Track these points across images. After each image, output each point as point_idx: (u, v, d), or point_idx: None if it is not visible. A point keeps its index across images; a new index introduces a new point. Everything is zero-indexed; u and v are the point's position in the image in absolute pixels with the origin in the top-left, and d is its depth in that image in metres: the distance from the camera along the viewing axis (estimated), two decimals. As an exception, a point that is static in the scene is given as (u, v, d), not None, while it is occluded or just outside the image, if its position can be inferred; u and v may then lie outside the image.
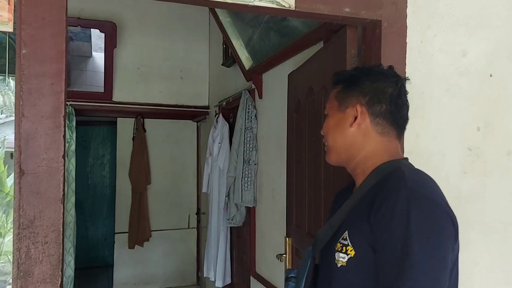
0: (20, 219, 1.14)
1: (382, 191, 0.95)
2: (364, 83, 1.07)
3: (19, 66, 1.17)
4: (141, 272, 5.01)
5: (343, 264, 0.97)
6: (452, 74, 1.60)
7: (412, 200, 0.89)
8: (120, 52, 4.48)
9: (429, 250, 0.86)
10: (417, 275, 0.84)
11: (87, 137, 6.03)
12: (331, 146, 1.12)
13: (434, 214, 0.90)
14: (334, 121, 1.11)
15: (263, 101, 3.09)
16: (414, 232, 0.86)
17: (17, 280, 1.14)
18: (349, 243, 0.97)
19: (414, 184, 0.93)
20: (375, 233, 0.92)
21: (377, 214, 0.92)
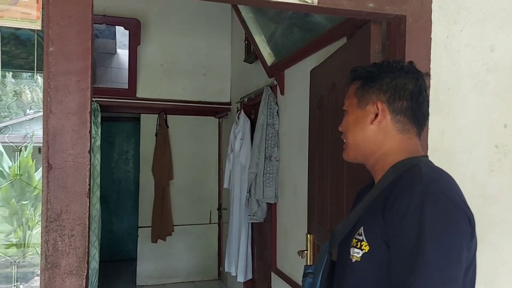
0: (48, 213, 1.17)
1: (398, 187, 0.95)
2: (384, 79, 1.05)
3: (47, 63, 1.20)
4: (164, 266, 5.09)
5: (357, 260, 0.98)
6: (479, 70, 1.56)
7: (427, 196, 0.88)
8: (144, 49, 4.54)
9: (443, 247, 0.85)
10: (430, 271, 0.83)
11: (112, 133, 6.15)
12: (350, 143, 1.11)
13: (449, 211, 0.88)
14: (353, 118, 1.10)
15: (285, 97, 3.08)
16: (428, 228, 0.85)
17: (45, 271, 1.17)
18: (364, 239, 0.97)
19: (430, 180, 0.92)
20: (389, 229, 0.91)
21: (391, 210, 0.91)
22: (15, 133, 2.85)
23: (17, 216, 4.78)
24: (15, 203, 4.83)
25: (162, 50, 4.64)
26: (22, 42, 2.16)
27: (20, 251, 3.95)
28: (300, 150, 2.71)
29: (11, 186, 5.04)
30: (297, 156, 2.81)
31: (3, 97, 4.35)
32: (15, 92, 2.60)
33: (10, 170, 5.08)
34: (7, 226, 4.78)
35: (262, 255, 3.69)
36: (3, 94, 4.06)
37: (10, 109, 4.63)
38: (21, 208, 4.85)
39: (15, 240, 4.54)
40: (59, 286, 1.17)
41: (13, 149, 1.83)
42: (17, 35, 2.65)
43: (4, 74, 3.52)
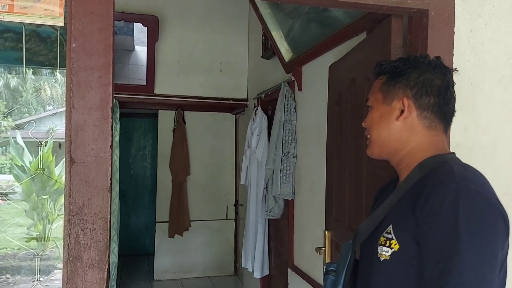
0: (70, 206, 1.19)
1: (428, 185, 0.92)
2: (410, 75, 1.03)
3: (69, 59, 1.21)
4: (181, 261, 5.13)
5: (386, 258, 0.96)
6: (504, 64, 1.53)
7: (462, 195, 0.86)
8: (162, 46, 4.57)
9: (479, 246, 0.83)
10: (466, 271, 0.82)
11: (130, 129, 6.21)
12: (374, 140, 1.09)
13: (484, 210, 0.86)
14: (378, 114, 1.08)
15: (302, 93, 3.07)
16: (464, 227, 0.83)
17: (67, 264, 1.19)
18: (393, 237, 0.96)
19: (463, 178, 0.90)
20: (421, 228, 0.89)
21: (424, 208, 0.89)
22: (35, 128, 2.90)
23: (37, 210, 4.87)
24: (36, 197, 4.92)
25: (179, 47, 4.66)
26: (43, 39, 2.20)
27: (41, 245, 4.02)
28: (317, 146, 2.70)
29: (32, 180, 5.13)
30: (314, 152, 2.79)
31: (24, 93, 4.41)
32: (35, 88, 2.64)
33: (31, 165, 5.16)
34: (28, 220, 4.87)
35: (278, 251, 3.69)
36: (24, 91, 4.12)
37: (30, 105, 4.69)
38: (41, 203, 4.94)
39: (36, 234, 4.63)
40: (80, 278, 1.19)
41: (36, 144, 1.86)
42: (38, 32, 2.70)
43: (25, 71, 3.56)
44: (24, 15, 1.21)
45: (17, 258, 4.30)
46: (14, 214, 5.09)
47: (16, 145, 4.80)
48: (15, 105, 6.64)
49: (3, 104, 8.04)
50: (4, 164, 7.96)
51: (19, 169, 4.91)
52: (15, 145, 4.81)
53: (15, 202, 5.02)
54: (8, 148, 6.18)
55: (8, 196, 4.63)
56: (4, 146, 7.81)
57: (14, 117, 6.41)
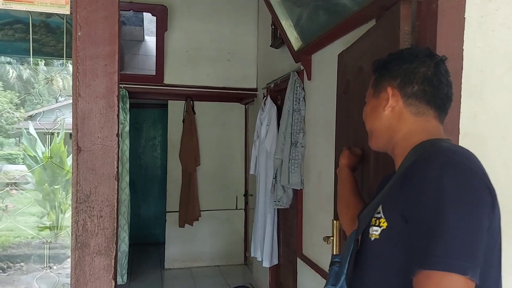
0: (78, 194, 1.20)
1: (415, 161, 0.95)
2: (394, 66, 1.09)
3: (75, 48, 1.22)
4: (191, 250, 5.18)
5: (376, 237, 0.98)
6: (507, 54, 1.50)
7: (446, 167, 0.87)
8: (170, 35, 4.57)
9: (463, 216, 0.83)
10: (450, 240, 0.82)
11: (140, 119, 6.25)
12: (370, 131, 1.16)
13: (468, 181, 0.86)
14: (370, 107, 1.15)
15: (311, 82, 3.05)
16: (447, 197, 0.84)
17: (75, 251, 1.21)
18: (382, 216, 0.97)
19: (449, 152, 0.92)
20: (408, 203, 0.90)
21: (410, 183, 0.91)
22: (47, 119, 2.93)
23: (49, 199, 4.94)
24: (48, 187, 4.99)
25: (188, 36, 4.65)
26: (52, 30, 2.21)
27: (53, 233, 4.08)
28: (326, 136, 2.69)
29: (44, 170, 5.19)
30: (322, 142, 2.78)
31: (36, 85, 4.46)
32: (46, 79, 2.65)
33: (43, 155, 5.23)
34: (40, 209, 4.95)
35: (287, 241, 3.70)
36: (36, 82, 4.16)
37: (42, 96, 4.74)
38: (53, 192, 5.01)
39: (49, 223, 4.70)
40: (88, 265, 1.20)
41: (44, 133, 1.88)
42: (48, 23, 2.71)
43: (36, 62, 3.60)
44: (30, 3, 1.22)
45: (30, 246, 4.37)
46: (27, 204, 5.16)
47: (29, 136, 4.86)
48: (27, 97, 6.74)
49: (16, 95, 8.13)
50: (18, 154, 8.06)
51: (31, 159, 4.98)
52: (27, 136, 4.88)
53: (27, 192, 5.10)
54: (21, 139, 6.26)
55: (20, 186, 4.69)
56: (18, 137, 7.92)
57: (26, 108, 6.49)
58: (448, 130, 1.40)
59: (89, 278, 1.21)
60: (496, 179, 1.51)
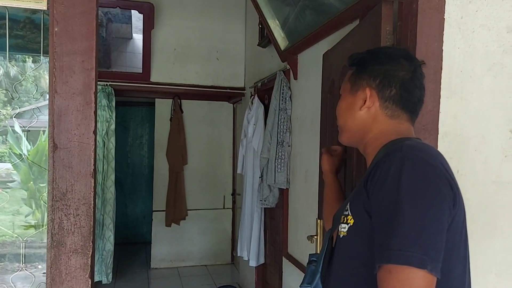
0: (54, 192, 1.19)
1: (378, 158, 0.97)
2: (374, 66, 1.07)
3: (52, 43, 1.20)
4: (178, 250, 5.16)
5: (344, 234, 0.99)
6: (495, 52, 1.51)
7: (406, 162, 0.88)
8: (158, 33, 4.54)
9: (420, 209, 0.83)
10: (406, 231, 0.82)
11: (127, 118, 6.20)
12: (342, 127, 1.15)
13: (427, 174, 0.87)
14: (345, 103, 1.13)
15: (298, 82, 3.05)
16: (405, 191, 0.85)
17: (51, 249, 1.19)
18: (349, 213, 0.99)
19: (410, 148, 0.92)
20: (371, 199, 0.91)
21: (373, 179, 0.92)
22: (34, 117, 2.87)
23: (35, 198, 4.89)
24: (33, 185, 4.94)
25: (176, 34, 4.63)
26: (37, 26, 2.18)
27: (39, 233, 4.03)
28: (312, 135, 2.69)
29: (29, 169, 5.14)
30: (309, 141, 2.78)
31: (23, 82, 4.40)
32: (34, 77, 2.62)
33: (28, 153, 5.17)
34: (25, 208, 4.89)
35: (274, 240, 3.70)
36: (23, 79, 4.10)
37: (29, 94, 4.69)
38: (39, 191, 4.96)
39: (34, 222, 4.64)
40: (64, 264, 1.19)
41: (22, 130, 1.86)
42: (32, 19, 2.67)
43: (24, 59, 3.54)
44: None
45: (15, 245, 4.32)
46: (13, 203, 5.09)
47: (15, 134, 4.80)
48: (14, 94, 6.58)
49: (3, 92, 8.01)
50: (4, 152, 7.97)
51: (17, 158, 4.91)
52: (13, 134, 4.81)
53: (13, 190, 5.04)
54: (7, 137, 6.18)
55: (5, 184, 4.63)
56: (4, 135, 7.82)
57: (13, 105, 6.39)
58: (428, 130, 1.41)
59: (65, 277, 1.20)
60: (476, 179, 1.53)
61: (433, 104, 1.40)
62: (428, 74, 1.07)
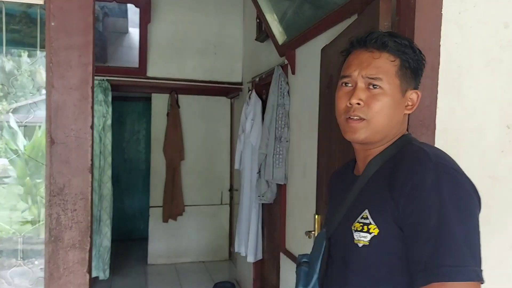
0: (51, 187, 1.18)
1: (404, 165, 0.92)
2: (420, 65, 1.03)
3: (49, 38, 1.19)
4: (175, 246, 5.16)
5: (365, 243, 0.94)
6: (492, 47, 1.51)
7: (440, 172, 0.86)
8: (154, 27, 4.52)
9: (465, 221, 0.84)
10: (459, 246, 0.81)
11: (124, 113, 6.17)
12: (373, 126, 0.99)
13: (462, 184, 0.88)
14: (391, 102, 0.99)
15: (296, 77, 3.05)
16: (448, 203, 0.83)
17: (48, 244, 1.19)
18: (372, 222, 0.94)
19: (437, 157, 0.90)
20: (404, 209, 0.88)
21: (403, 189, 0.88)
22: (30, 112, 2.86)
23: (31, 194, 4.87)
24: (30, 181, 4.92)
25: (172, 28, 4.61)
26: (33, 21, 2.17)
27: (35, 229, 4.03)
28: (310, 130, 2.69)
29: (25, 164, 5.10)
30: (307, 136, 2.78)
31: (19, 77, 4.36)
32: (30, 72, 2.61)
33: (25, 148, 5.14)
34: (22, 203, 4.87)
35: (271, 235, 3.71)
36: (19, 74, 4.06)
37: (25, 89, 4.64)
38: (35, 186, 4.94)
39: (30, 218, 4.63)
40: (62, 259, 1.19)
41: (19, 125, 1.86)
42: (28, 14, 2.64)
43: (20, 54, 3.52)
44: (2, -8, 1.19)
45: (12, 241, 4.31)
46: (9, 198, 5.08)
47: (11, 129, 4.77)
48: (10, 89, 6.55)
49: (-2, 87, 7.97)
50: (0, 148, 7.93)
51: (13, 153, 4.89)
52: (9, 129, 4.79)
53: (9, 186, 5.02)
54: (2, 132, 6.13)
55: (1, 180, 4.62)
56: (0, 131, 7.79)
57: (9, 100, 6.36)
58: (425, 125, 1.41)
59: (63, 272, 1.20)
60: (472, 174, 1.53)
61: (430, 99, 1.40)
62: (426, 70, 1.07)
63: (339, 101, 1.04)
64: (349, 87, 1.02)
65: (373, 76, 0.99)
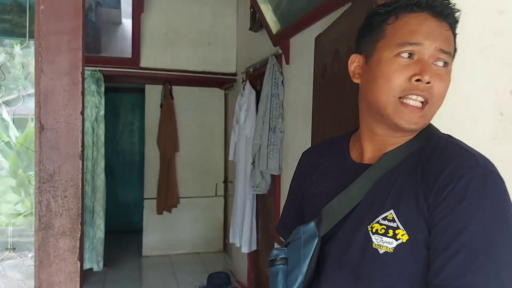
0: (41, 173, 1.16)
1: (441, 164, 0.80)
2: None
3: (38, 22, 1.17)
4: (169, 238, 5.16)
5: (388, 251, 0.80)
6: (486, 34, 1.50)
7: (490, 181, 0.76)
8: (148, 17, 4.47)
9: (509, 239, 0.73)
10: (499, 270, 0.71)
11: (117, 104, 6.13)
12: (431, 109, 0.88)
13: (506, 194, 0.78)
14: (449, 84, 0.89)
15: (290, 67, 3.03)
16: (496, 214, 0.74)
17: (38, 231, 1.17)
18: (400, 226, 0.79)
19: (485, 161, 0.80)
20: (437, 214, 0.76)
21: (441, 192, 0.76)
22: (23, 105, 2.83)
23: (24, 186, 4.82)
24: (22, 173, 4.86)
25: (166, 18, 4.57)
26: (24, 10, 2.13)
27: (28, 221, 4.00)
28: (304, 121, 2.68)
29: (18, 156, 5.05)
30: (301, 127, 2.77)
31: (12, 69, 4.30)
32: (22, 64, 2.57)
33: (17, 140, 5.10)
34: (15, 196, 4.83)
35: (266, 226, 3.71)
36: (12, 66, 4.00)
37: (18, 81, 4.60)
38: (28, 179, 4.91)
39: (23, 210, 4.60)
40: (52, 246, 1.17)
41: (21, 121, 1.84)
42: (19, 3, 2.60)
43: (12, 45, 3.46)
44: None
45: (5, 234, 4.30)
46: (2, 191, 5.05)
47: (3, 122, 4.73)
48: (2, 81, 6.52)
49: (-10, 80, 7.89)
50: (-8, 140, 7.86)
51: (5, 145, 4.85)
52: (1, 121, 4.74)
53: (1, 178, 4.97)
54: (-5, 125, 6.08)
55: (-9, 173, 4.57)
56: (-8, 123, 7.73)
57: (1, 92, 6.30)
58: (420, 112, 1.40)
59: (54, 259, 1.18)
60: (466, 161, 1.53)
61: (425, 85, 1.39)
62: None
63: (395, 76, 0.84)
64: (409, 59, 0.84)
65: (448, 50, 0.85)
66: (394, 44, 0.84)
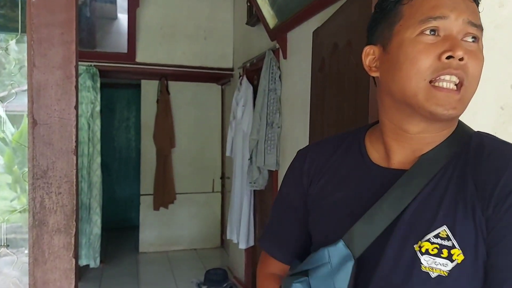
0: (34, 170, 1.14)
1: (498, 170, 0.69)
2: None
3: (29, 15, 1.14)
4: (166, 234, 5.14)
5: (442, 274, 0.68)
6: (486, 27, 1.45)
7: None
8: (143, 12, 4.43)
9: None
10: None
11: (113, 100, 6.08)
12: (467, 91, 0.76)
13: None
14: (482, 52, 0.75)
15: (287, 61, 3.00)
16: None
17: (33, 228, 1.15)
18: (455, 244, 0.68)
19: None
20: (504, 229, 0.66)
21: (504, 203, 0.66)
22: (18, 101, 2.79)
23: (20, 183, 4.79)
24: (18, 170, 4.83)
25: (162, 13, 4.52)
26: (17, 4, 2.10)
27: (24, 217, 3.97)
28: (302, 116, 2.66)
29: (13, 153, 5.01)
30: (299, 122, 2.75)
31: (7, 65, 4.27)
32: (18, 60, 2.54)
33: (12, 137, 5.06)
34: (10, 192, 4.79)
35: (263, 222, 3.70)
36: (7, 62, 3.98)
37: (13, 77, 4.55)
38: (23, 175, 4.84)
39: (19, 207, 4.57)
40: (47, 243, 1.15)
41: (16, 117, 1.82)
42: (13, -3, 2.54)
43: (7, 40, 3.41)
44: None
45: (1, 231, 4.26)
46: (-4, 187, 5.00)
47: (-2, 117, 4.68)
48: (-4, 77, 6.53)
49: (-15, 76, 7.83)
50: (-13, 137, 7.82)
51: (0, 141, 4.81)
52: (-4, 118, 4.70)
53: (-3, 175, 4.93)
54: (-10, 121, 6.01)
55: (-14, 171, 4.54)
56: (-13, 119, 7.68)
57: (-4, 89, 6.26)
58: (419, 106, 1.39)
59: (48, 256, 1.16)
60: (466, 156, 1.51)
61: (425, 79, 1.37)
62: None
63: (423, 56, 0.71)
64: (435, 36, 0.72)
65: (477, 23, 0.74)
66: (415, 23, 0.72)
